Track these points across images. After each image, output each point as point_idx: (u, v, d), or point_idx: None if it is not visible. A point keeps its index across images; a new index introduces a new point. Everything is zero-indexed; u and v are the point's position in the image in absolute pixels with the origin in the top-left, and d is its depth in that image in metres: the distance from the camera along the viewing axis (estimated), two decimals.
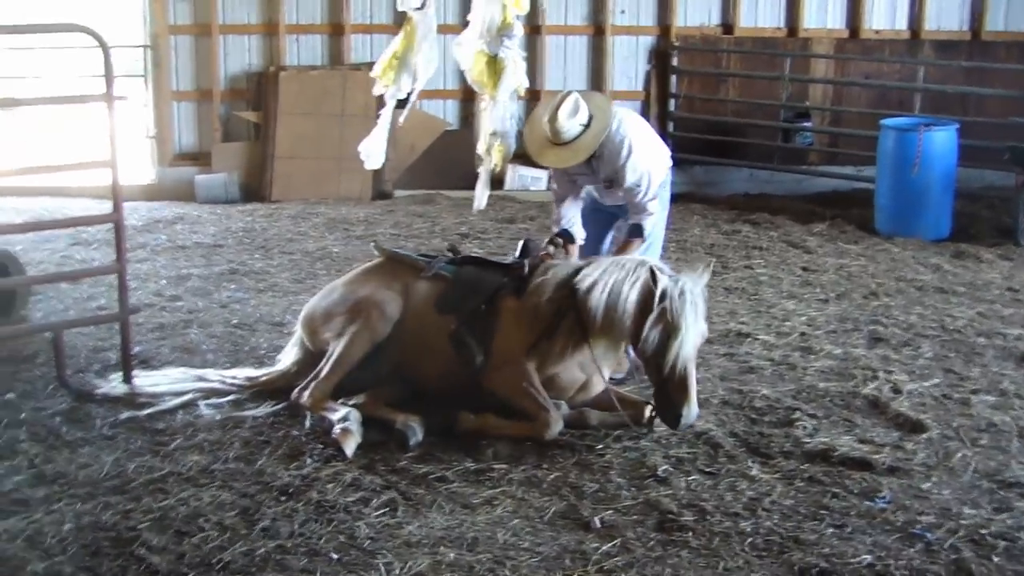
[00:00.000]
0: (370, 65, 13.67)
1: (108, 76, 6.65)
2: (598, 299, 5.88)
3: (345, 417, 5.95)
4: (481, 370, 6.15)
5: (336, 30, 13.93)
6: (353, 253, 10.39)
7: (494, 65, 7.34)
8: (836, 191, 13.69)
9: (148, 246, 10.69)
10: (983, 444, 6.10)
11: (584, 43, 14.33)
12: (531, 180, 13.59)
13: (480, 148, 7.71)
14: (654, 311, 5.68)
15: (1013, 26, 14.86)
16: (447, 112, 14.15)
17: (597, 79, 14.40)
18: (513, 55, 7.38)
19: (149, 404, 6.41)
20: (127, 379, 6.74)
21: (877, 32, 14.67)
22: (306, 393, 6.22)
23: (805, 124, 14.35)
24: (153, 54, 13.62)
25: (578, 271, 6.15)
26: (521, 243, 6.65)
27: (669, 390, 5.74)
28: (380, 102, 7.95)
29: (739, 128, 14.46)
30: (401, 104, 7.95)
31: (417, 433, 5.88)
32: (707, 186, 14.19)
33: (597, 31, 14.32)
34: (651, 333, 5.68)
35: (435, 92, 13.76)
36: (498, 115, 7.46)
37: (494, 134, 7.47)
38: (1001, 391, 6.92)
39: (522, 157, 10.89)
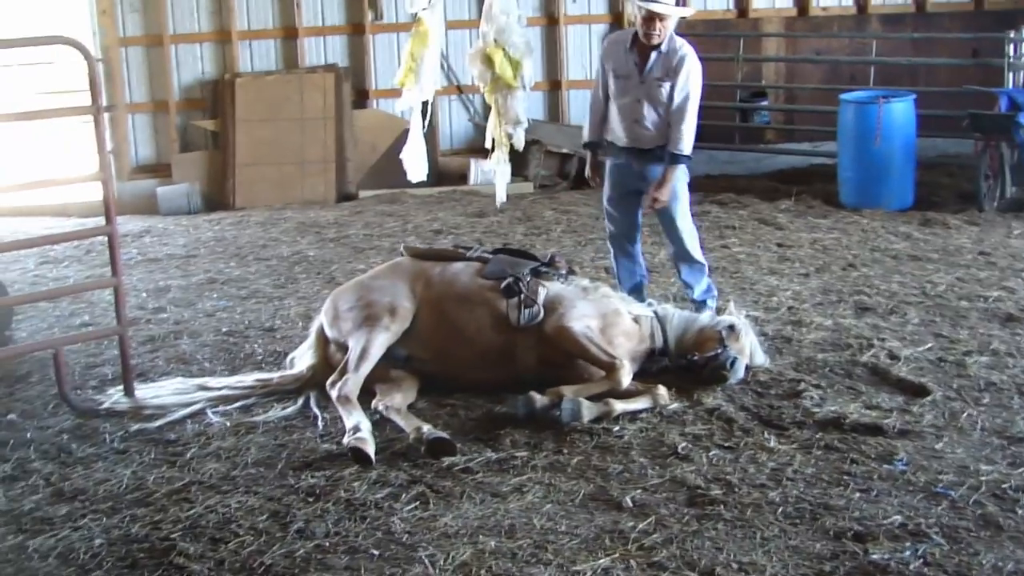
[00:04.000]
0: (327, 67, 13.76)
1: (93, 88, 6.59)
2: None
3: (356, 427, 5.86)
4: (541, 321, 6.50)
5: (289, 33, 13.88)
6: (329, 256, 10.37)
7: (509, 58, 7.35)
8: (795, 168, 13.83)
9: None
10: (986, 403, 6.23)
11: (537, 34, 14.31)
12: (493, 174, 13.57)
13: (489, 142, 7.66)
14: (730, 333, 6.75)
15: None
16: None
17: (552, 69, 14.48)
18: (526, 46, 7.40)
19: (157, 416, 6.37)
20: (129, 392, 6.68)
21: (824, 9, 14.85)
22: (338, 385, 6.22)
23: (762, 103, 14.52)
24: (105, 67, 13.44)
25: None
26: (549, 253, 7.24)
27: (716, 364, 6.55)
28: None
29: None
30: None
31: (444, 434, 5.87)
32: None
33: (550, 21, 14.38)
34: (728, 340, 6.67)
35: (392, 91, 13.73)
36: (524, 105, 7.48)
37: (519, 123, 7.48)
38: (993, 351, 7.06)
39: (484, 152, 10.92)
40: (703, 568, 4.54)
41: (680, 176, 7.54)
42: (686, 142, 7.40)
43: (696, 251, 7.76)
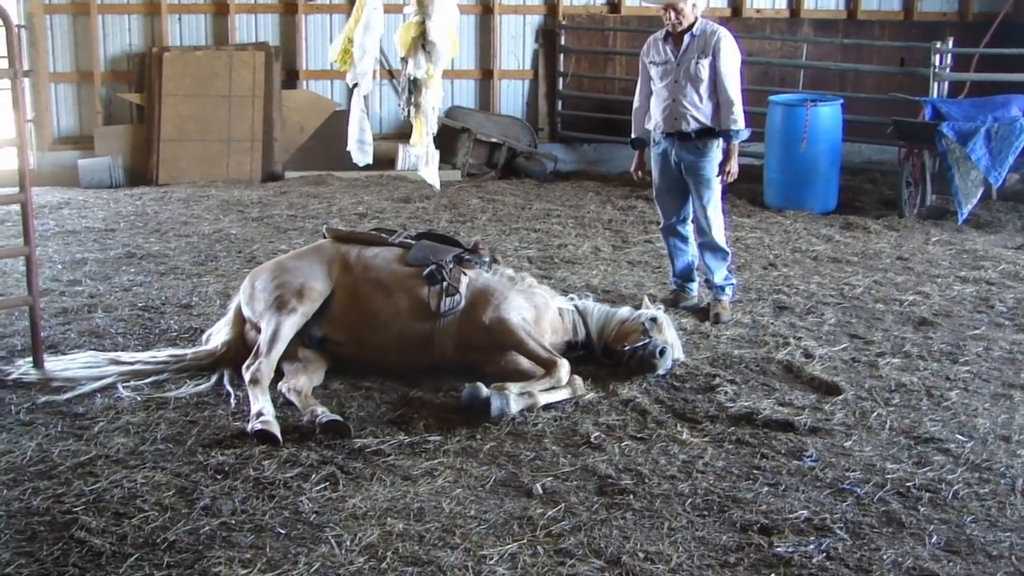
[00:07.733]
0: (257, 45, 13.58)
1: (11, 53, 6.44)
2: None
3: (260, 412, 5.79)
4: (472, 311, 6.49)
5: (220, 9, 13.71)
6: (251, 235, 10.25)
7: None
8: None
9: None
10: (895, 403, 6.32)
11: (472, 22, 14.32)
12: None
13: (433, 123, 7.58)
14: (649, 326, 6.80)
15: (887, 5, 15.36)
16: (335, 92, 14.01)
17: (485, 58, 14.46)
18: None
19: (66, 388, 6.24)
20: (38, 364, 6.53)
21: (758, 11, 15.01)
22: (252, 369, 6.10)
23: None
24: (29, 35, 13.19)
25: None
26: (473, 241, 7.22)
27: (646, 353, 6.56)
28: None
29: (626, 106, 14.58)
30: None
31: (338, 417, 5.82)
32: (597, 164, 14.39)
33: (485, 10, 14.35)
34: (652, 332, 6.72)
35: (323, 72, 13.68)
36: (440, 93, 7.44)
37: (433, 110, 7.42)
38: (905, 353, 7.17)
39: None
40: (609, 556, 4.55)
41: (715, 164, 7.84)
42: (738, 116, 7.73)
43: (721, 239, 8.04)
